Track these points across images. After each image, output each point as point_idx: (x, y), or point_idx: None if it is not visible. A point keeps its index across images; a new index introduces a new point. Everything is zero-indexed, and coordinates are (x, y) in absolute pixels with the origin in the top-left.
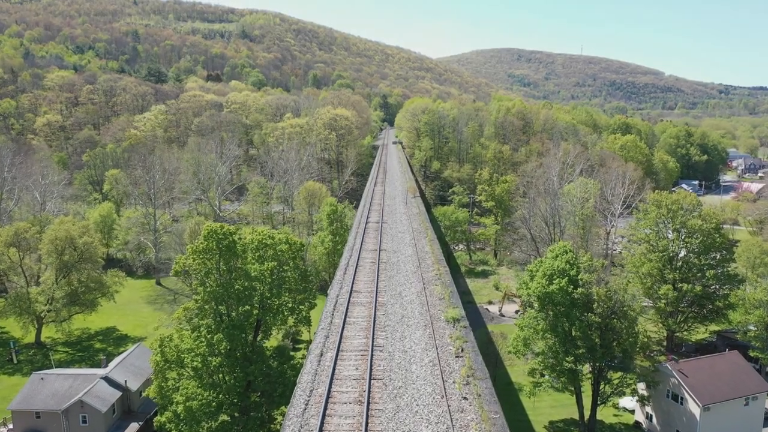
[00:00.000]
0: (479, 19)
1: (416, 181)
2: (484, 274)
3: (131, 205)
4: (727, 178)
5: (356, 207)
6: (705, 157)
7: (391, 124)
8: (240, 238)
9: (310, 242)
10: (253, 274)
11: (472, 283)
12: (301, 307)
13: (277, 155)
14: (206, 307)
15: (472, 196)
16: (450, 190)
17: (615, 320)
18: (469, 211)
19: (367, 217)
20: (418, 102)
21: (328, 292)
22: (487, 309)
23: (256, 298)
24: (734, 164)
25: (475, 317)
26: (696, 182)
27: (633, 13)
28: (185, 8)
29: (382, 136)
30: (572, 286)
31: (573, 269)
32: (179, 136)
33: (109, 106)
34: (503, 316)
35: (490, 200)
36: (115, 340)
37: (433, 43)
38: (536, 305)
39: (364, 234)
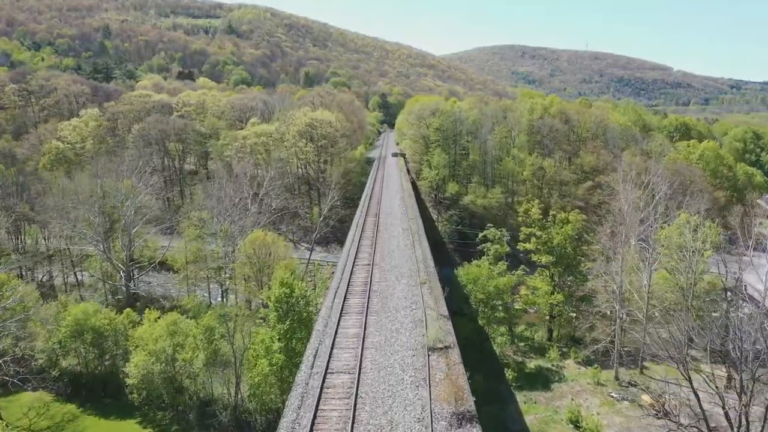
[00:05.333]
0: (481, 15)
1: (444, 291)
2: (545, 381)
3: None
4: None
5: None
6: None
7: (391, 125)
8: None
9: (248, 345)
10: None
11: (526, 406)
12: None
13: (221, 181)
14: None
15: (508, 237)
16: (481, 236)
17: None
18: (508, 267)
19: None
20: (424, 101)
21: None
22: None
23: None
24: None
25: None
26: None
27: (635, 8)
28: (168, 3)
29: (380, 143)
30: None
31: None
32: (116, 147)
33: (36, 110)
34: None
35: (545, 253)
36: None
37: (434, 41)
38: None
39: None
